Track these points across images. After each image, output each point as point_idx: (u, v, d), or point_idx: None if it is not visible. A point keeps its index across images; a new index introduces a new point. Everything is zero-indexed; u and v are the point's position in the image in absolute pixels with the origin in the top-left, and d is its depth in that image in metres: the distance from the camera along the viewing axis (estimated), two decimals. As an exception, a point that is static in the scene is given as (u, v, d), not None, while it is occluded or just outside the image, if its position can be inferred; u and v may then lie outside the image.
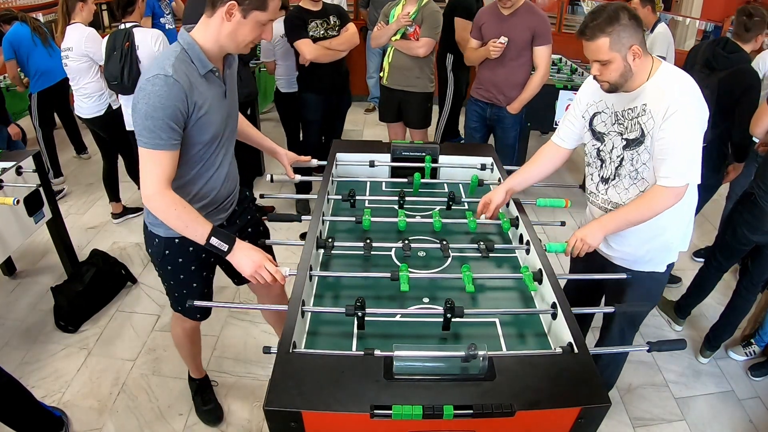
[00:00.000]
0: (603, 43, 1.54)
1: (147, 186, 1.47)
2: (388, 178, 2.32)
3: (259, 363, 2.50)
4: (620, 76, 1.59)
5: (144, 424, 2.21)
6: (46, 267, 3.19)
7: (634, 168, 1.69)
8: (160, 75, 1.41)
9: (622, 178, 1.74)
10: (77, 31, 3.20)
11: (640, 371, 2.54)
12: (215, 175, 1.69)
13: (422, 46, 3.19)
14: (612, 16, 1.52)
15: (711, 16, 5.79)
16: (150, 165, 1.46)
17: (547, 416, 1.19)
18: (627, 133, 1.68)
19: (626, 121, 1.67)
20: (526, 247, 1.76)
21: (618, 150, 1.72)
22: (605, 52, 1.55)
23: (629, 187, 1.73)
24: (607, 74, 1.60)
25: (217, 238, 1.51)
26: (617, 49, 1.54)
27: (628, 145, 1.68)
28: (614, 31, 1.52)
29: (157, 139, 1.43)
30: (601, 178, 1.81)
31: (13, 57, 3.79)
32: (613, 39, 1.53)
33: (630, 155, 1.69)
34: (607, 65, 1.58)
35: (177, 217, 1.48)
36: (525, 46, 2.97)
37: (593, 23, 1.54)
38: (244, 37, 1.49)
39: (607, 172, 1.78)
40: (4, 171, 2.45)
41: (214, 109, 1.56)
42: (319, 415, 1.14)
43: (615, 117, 1.72)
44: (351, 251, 1.81)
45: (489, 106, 3.19)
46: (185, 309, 1.89)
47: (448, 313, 1.42)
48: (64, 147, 4.54)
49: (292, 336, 1.30)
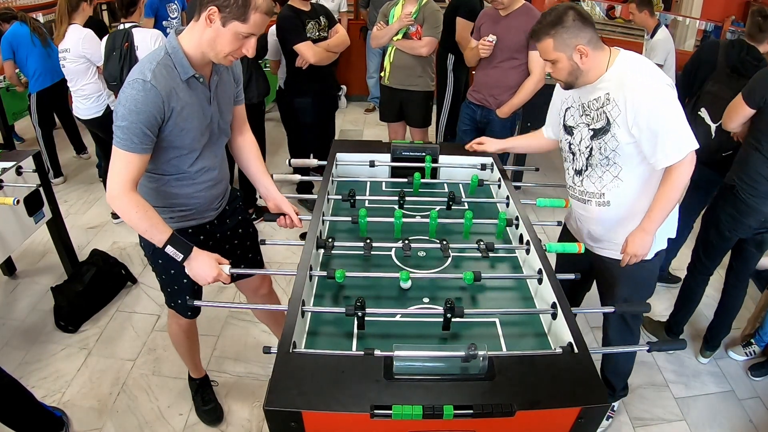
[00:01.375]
0: (548, 44, 1.64)
1: (113, 185, 1.48)
2: (388, 178, 2.32)
3: (259, 363, 2.50)
4: (569, 74, 1.67)
5: (144, 424, 2.21)
6: (46, 267, 3.19)
7: (603, 156, 1.73)
8: (139, 80, 1.43)
9: (594, 167, 1.78)
10: (75, 32, 3.20)
11: (640, 371, 2.54)
12: (198, 180, 1.70)
13: (425, 45, 3.20)
14: (556, 18, 1.61)
15: (711, 16, 5.78)
16: (119, 164, 1.48)
17: (547, 416, 1.19)
18: (593, 124, 1.72)
19: (592, 112, 1.72)
20: (526, 247, 1.76)
21: (586, 141, 1.76)
22: (550, 52, 1.65)
23: (602, 175, 1.77)
24: (557, 73, 1.69)
25: (173, 246, 1.53)
26: (561, 49, 1.63)
27: (595, 134, 1.73)
28: (557, 33, 1.61)
29: (128, 141, 1.44)
30: (575, 171, 1.86)
31: (11, 57, 3.79)
32: (557, 40, 1.62)
33: (598, 144, 1.73)
34: (555, 64, 1.67)
35: (138, 219, 1.49)
36: (519, 48, 2.91)
37: (539, 25, 1.64)
38: (222, 47, 1.47)
39: (578, 164, 1.83)
40: (4, 171, 2.45)
41: (194, 116, 1.56)
42: (319, 415, 1.14)
43: (582, 109, 1.77)
44: (351, 251, 1.81)
45: (480, 108, 3.15)
46: (178, 305, 1.90)
47: (448, 313, 1.42)
48: (64, 147, 4.54)
49: (292, 336, 1.30)
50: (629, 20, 4.56)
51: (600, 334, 2.73)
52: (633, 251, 1.73)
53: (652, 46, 3.73)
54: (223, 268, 1.59)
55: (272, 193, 1.90)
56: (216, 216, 1.84)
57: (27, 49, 3.75)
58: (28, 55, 3.76)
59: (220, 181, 1.80)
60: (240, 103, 1.83)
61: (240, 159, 1.93)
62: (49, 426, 2.07)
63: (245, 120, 1.89)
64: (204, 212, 1.79)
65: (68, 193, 4.10)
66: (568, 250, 1.84)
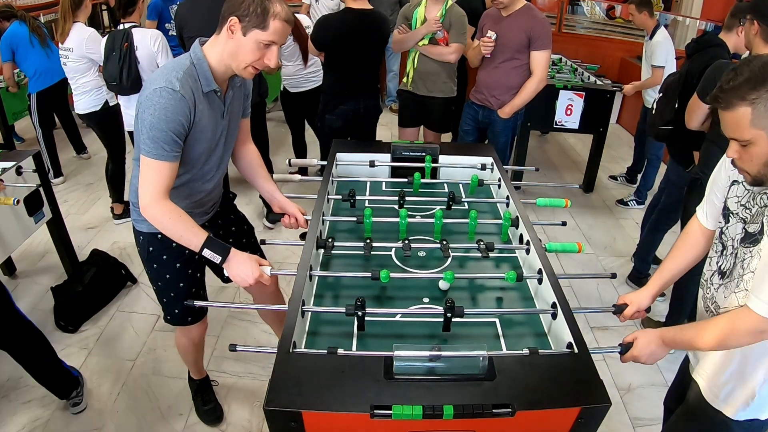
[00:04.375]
0: (742, 114, 1.10)
1: (145, 194, 1.49)
2: (388, 178, 2.32)
3: (259, 363, 2.50)
4: (765, 164, 1.14)
5: (144, 424, 2.21)
6: (46, 267, 3.19)
7: (741, 273, 1.25)
8: (167, 88, 1.43)
9: (734, 278, 1.28)
10: (79, 32, 3.20)
11: (640, 371, 2.54)
12: (195, 190, 1.72)
13: (454, 52, 3.07)
14: (762, 72, 1.08)
15: (711, 16, 5.78)
16: (150, 174, 1.48)
17: (547, 416, 1.19)
18: (749, 223, 1.25)
19: (755, 207, 1.24)
20: (526, 247, 1.76)
21: (736, 241, 1.29)
22: (745, 128, 1.11)
23: (733, 294, 1.28)
24: (748, 161, 1.16)
25: (210, 249, 1.52)
26: (763, 124, 1.09)
27: (745, 237, 1.25)
28: (760, 98, 1.07)
29: (159, 150, 1.46)
30: (718, 267, 1.35)
31: (10, 59, 3.79)
32: (758, 109, 1.08)
33: (743, 253, 1.25)
34: (748, 147, 1.14)
35: (173, 225, 1.50)
36: (520, 48, 2.89)
37: (729, 83, 1.11)
38: (244, 56, 1.48)
39: (726, 263, 1.33)
40: (4, 171, 2.45)
41: (208, 128, 1.59)
42: (319, 415, 1.14)
43: (748, 196, 1.28)
44: (351, 251, 1.81)
45: (482, 108, 3.14)
46: (175, 316, 1.88)
47: (448, 312, 1.42)
48: (64, 147, 4.54)
49: (292, 336, 1.30)
50: (629, 20, 4.55)
51: (600, 334, 2.75)
52: (637, 353, 1.38)
53: (652, 48, 3.73)
54: (265, 270, 1.58)
55: (276, 197, 1.93)
56: (208, 219, 1.87)
57: (26, 50, 3.75)
58: (27, 55, 3.76)
59: (217, 187, 1.82)
60: (246, 116, 1.86)
61: (242, 168, 1.95)
62: (66, 381, 2.18)
63: (249, 132, 1.92)
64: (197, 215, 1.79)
65: (68, 193, 4.10)
66: (568, 250, 1.84)
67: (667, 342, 1.35)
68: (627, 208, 4.09)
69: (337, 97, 3.00)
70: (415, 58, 3.18)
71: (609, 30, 6.75)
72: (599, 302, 3.03)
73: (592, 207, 4.10)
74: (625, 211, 4.06)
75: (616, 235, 3.74)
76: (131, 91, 2.99)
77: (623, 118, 5.79)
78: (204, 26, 2.01)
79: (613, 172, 4.63)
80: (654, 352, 1.37)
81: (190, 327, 1.95)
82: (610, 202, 4.18)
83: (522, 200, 2.02)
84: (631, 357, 1.41)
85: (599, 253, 3.51)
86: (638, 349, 1.38)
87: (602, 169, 4.38)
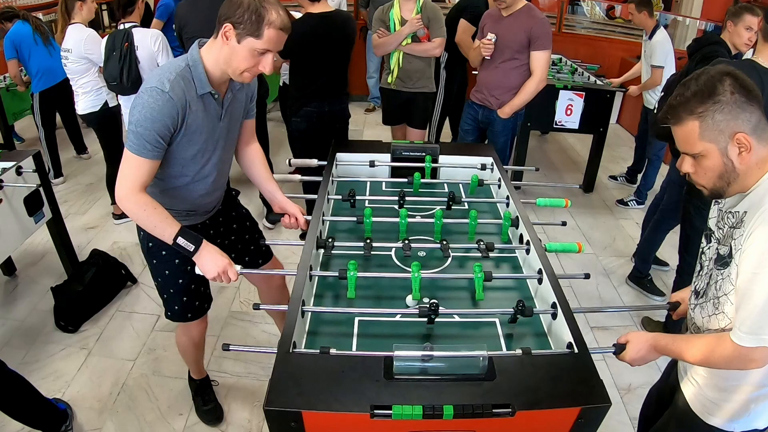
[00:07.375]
0: (691, 128, 1.12)
1: (122, 186, 1.51)
2: (388, 178, 2.32)
3: (259, 363, 2.50)
4: (719, 177, 1.14)
5: (144, 424, 2.21)
6: (46, 267, 3.19)
7: (715, 294, 1.23)
8: (157, 88, 1.46)
9: (708, 299, 1.26)
10: (77, 33, 3.20)
11: (640, 371, 2.51)
12: (194, 189, 1.73)
13: (438, 46, 3.15)
14: (707, 88, 1.10)
15: (711, 16, 5.79)
16: (130, 168, 1.51)
17: (547, 416, 1.19)
18: (721, 245, 1.23)
19: (725, 228, 1.22)
20: (526, 247, 1.76)
21: (711, 262, 1.26)
22: (694, 141, 1.13)
23: (711, 316, 1.26)
24: (700, 174, 1.16)
25: (183, 238, 1.54)
26: (711, 138, 1.11)
27: (717, 259, 1.23)
28: (707, 113, 1.09)
29: (142, 147, 1.48)
30: (695, 288, 1.36)
31: (15, 56, 3.79)
32: (705, 123, 1.10)
33: (716, 275, 1.23)
34: (699, 160, 1.15)
35: (146, 217, 1.52)
36: (520, 48, 2.90)
37: (677, 99, 1.14)
38: (238, 63, 1.49)
39: (701, 283, 1.32)
40: (4, 171, 2.45)
41: (203, 130, 1.59)
42: (319, 415, 1.14)
43: (718, 216, 1.27)
44: (351, 251, 1.81)
45: (482, 108, 3.15)
46: (175, 312, 1.89)
47: (432, 314, 1.42)
48: (64, 147, 4.54)
49: (292, 336, 1.30)
50: (629, 20, 4.56)
51: (600, 333, 2.75)
52: (629, 358, 1.35)
53: (651, 48, 3.74)
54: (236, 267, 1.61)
55: (277, 197, 1.93)
56: (209, 218, 1.88)
57: (29, 48, 3.76)
58: (31, 54, 3.77)
59: (217, 189, 1.83)
60: (251, 118, 1.86)
61: (246, 167, 1.96)
62: (53, 418, 2.09)
63: (254, 132, 1.93)
64: (196, 215, 1.82)
65: (68, 193, 4.10)
66: (568, 250, 1.84)
67: (659, 348, 1.32)
68: (627, 208, 4.09)
69: (299, 100, 2.97)
70: (399, 58, 3.22)
71: (609, 30, 6.75)
72: (599, 302, 3.03)
73: (592, 207, 4.10)
74: (625, 211, 4.07)
75: (616, 235, 3.74)
76: (132, 91, 2.98)
77: (623, 118, 5.79)
78: (203, 27, 2.01)
79: (613, 172, 4.64)
80: (644, 357, 1.35)
81: (190, 325, 1.95)
82: (610, 202, 4.18)
83: (522, 200, 2.02)
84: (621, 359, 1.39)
85: (599, 253, 3.51)
86: (629, 353, 1.36)
87: (602, 169, 4.38)
